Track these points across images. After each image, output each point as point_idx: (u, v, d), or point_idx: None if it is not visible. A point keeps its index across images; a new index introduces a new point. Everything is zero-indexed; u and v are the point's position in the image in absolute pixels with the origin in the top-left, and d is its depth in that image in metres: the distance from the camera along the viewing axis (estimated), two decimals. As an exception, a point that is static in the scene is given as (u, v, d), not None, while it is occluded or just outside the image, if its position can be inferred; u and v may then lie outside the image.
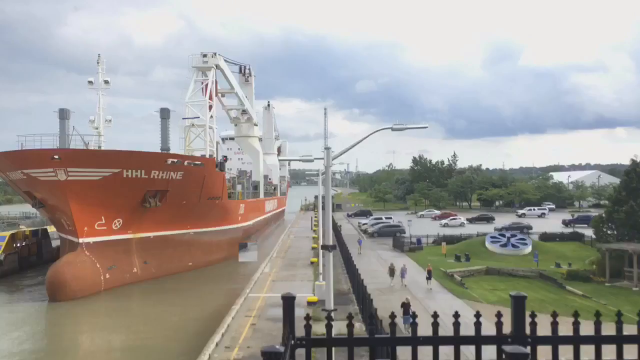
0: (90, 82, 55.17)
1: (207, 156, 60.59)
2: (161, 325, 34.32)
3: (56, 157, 41.43)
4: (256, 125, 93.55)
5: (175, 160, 48.92)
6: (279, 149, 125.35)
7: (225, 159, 64.96)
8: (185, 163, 50.02)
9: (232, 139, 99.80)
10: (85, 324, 37.28)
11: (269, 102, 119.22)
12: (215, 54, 67.55)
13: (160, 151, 58.19)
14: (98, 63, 55.15)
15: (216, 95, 70.71)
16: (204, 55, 66.55)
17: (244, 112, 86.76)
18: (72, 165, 42.16)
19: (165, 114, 70.56)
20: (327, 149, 28.66)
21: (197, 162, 52.39)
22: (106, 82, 55.29)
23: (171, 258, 50.83)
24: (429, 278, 40.29)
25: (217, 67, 68.42)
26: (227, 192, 62.93)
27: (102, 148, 52.24)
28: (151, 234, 49.78)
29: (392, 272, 40.96)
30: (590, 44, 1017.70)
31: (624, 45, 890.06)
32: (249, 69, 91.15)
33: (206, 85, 65.19)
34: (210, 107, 65.17)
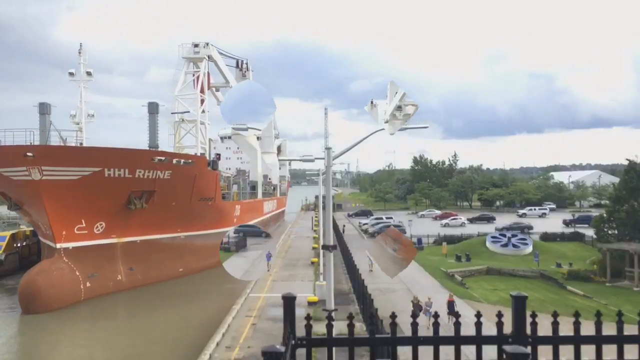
0: (71, 74, 51.06)
1: (199, 154, 57.66)
2: (152, 333, 32.30)
3: (29, 154, 37.92)
4: None
5: (163, 158, 45.35)
6: (278, 148, 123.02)
7: (219, 157, 61.60)
8: (174, 161, 46.67)
9: (230, 137, 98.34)
10: (65, 336, 33.75)
11: None
12: (207, 44, 64.31)
13: (148, 148, 53.79)
14: (80, 53, 51.00)
15: (209, 88, 67.93)
16: (195, 45, 63.18)
17: None
18: (47, 164, 38.60)
19: (153, 108, 67.28)
20: (328, 149, 28.52)
21: (187, 161, 48.86)
22: (88, 73, 51.40)
23: (160, 264, 47.14)
24: (450, 313, 28.06)
25: (210, 58, 65.49)
26: (222, 193, 59.35)
27: (84, 145, 48.27)
28: (137, 238, 46.07)
29: (418, 308, 28.19)
30: (586, 44, 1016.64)
31: (620, 45, 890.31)
32: (247, 63, 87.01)
33: (197, 77, 62.18)
34: (202, 101, 61.92)
